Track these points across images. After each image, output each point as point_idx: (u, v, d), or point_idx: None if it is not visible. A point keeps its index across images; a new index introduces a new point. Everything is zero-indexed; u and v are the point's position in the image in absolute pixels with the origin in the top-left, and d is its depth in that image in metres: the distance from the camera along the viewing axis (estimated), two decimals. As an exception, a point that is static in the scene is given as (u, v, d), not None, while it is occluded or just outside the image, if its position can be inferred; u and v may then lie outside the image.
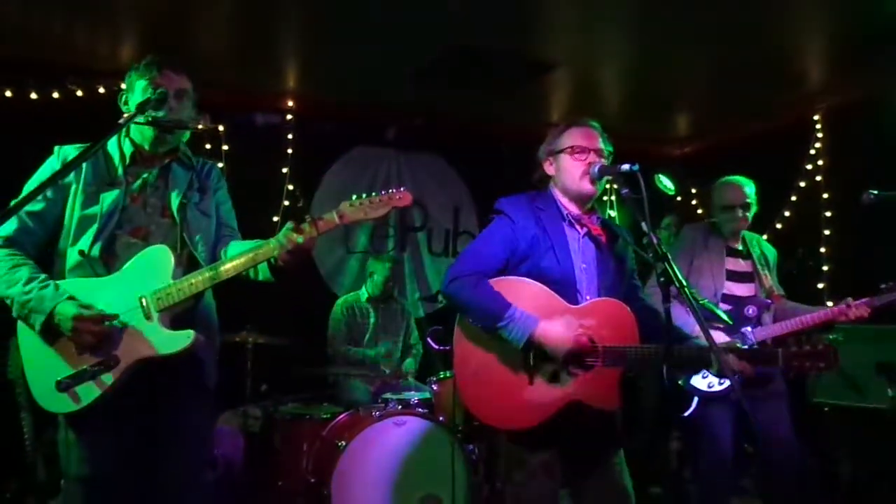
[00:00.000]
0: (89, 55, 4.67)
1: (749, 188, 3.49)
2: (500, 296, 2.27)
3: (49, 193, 2.16)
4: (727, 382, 3.22)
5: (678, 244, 3.60)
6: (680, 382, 3.30)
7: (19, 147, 4.28)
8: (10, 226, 2.12)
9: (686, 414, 3.31)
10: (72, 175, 2.16)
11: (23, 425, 3.36)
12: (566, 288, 2.34)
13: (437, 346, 3.98)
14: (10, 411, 3.40)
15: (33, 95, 4.64)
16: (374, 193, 2.07)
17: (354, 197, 2.06)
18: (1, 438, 3.48)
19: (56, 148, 2.21)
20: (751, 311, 3.37)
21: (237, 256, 2.09)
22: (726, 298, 3.40)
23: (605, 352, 2.28)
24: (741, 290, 3.45)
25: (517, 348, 2.24)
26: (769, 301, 3.42)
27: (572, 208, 2.47)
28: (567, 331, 2.25)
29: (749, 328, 3.33)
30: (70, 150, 2.20)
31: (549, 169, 2.52)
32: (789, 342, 2.35)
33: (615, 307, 2.35)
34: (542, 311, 2.27)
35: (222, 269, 2.08)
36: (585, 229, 2.46)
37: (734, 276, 3.46)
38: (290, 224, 2.03)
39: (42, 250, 2.18)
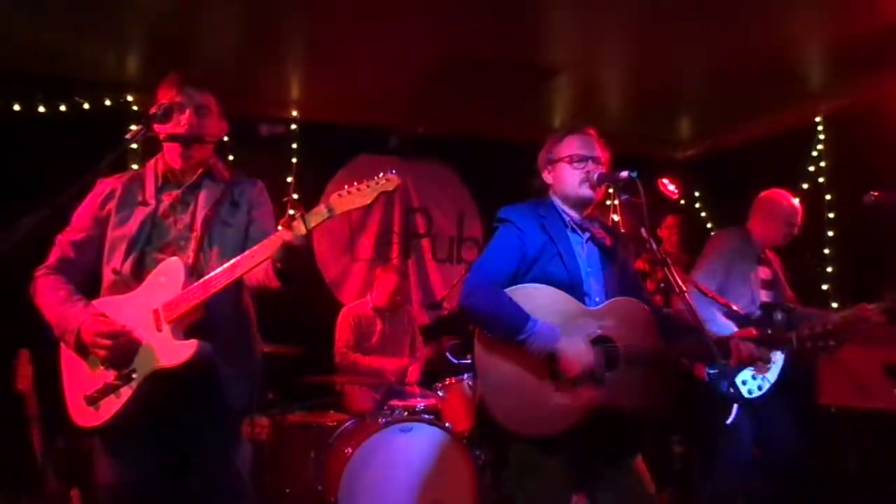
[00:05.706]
0: (96, 68, 4.71)
1: None
2: (518, 307, 2.25)
3: (89, 223, 2.26)
4: (765, 388, 3.26)
5: (714, 247, 3.55)
6: (726, 391, 3.26)
7: (28, 160, 4.37)
8: (54, 255, 2.26)
9: (729, 422, 3.27)
10: (109, 203, 2.25)
11: (32, 436, 3.39)
12: (574, 292, 2.34)
13: (455, 360, 3.85)
14: (19, 423, 3.44)
15: (41, 109, 4.68)
16: (363, 181, 2.04)
17: (346, 187, 2.03)
18: (11, 449, 3.51)
19: (98, 182, 2.29)
20: (779, 316, 3.37)
21: (233, 261, 2.04)
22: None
23: (627, 351, 2.29)
24: (766, 297, 3.50)
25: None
26: (793, 306, 3.46)
27: (573, 214, 2.49)
28: (587, 354, 2.24)
29: None
30: (110, 181, 2.29)
31: (548, 178, 2.54)
32: (801, 327, 2.42)
33: (632, 305, 2.37)
34: (559, 316, 2.28)
35: (220, 274, 2.04)
36: (588, 234, 2.48)
37: (763, 284, 3.52)
38: (280, 223, 1.98)
39: (88, 275, 2.28)
